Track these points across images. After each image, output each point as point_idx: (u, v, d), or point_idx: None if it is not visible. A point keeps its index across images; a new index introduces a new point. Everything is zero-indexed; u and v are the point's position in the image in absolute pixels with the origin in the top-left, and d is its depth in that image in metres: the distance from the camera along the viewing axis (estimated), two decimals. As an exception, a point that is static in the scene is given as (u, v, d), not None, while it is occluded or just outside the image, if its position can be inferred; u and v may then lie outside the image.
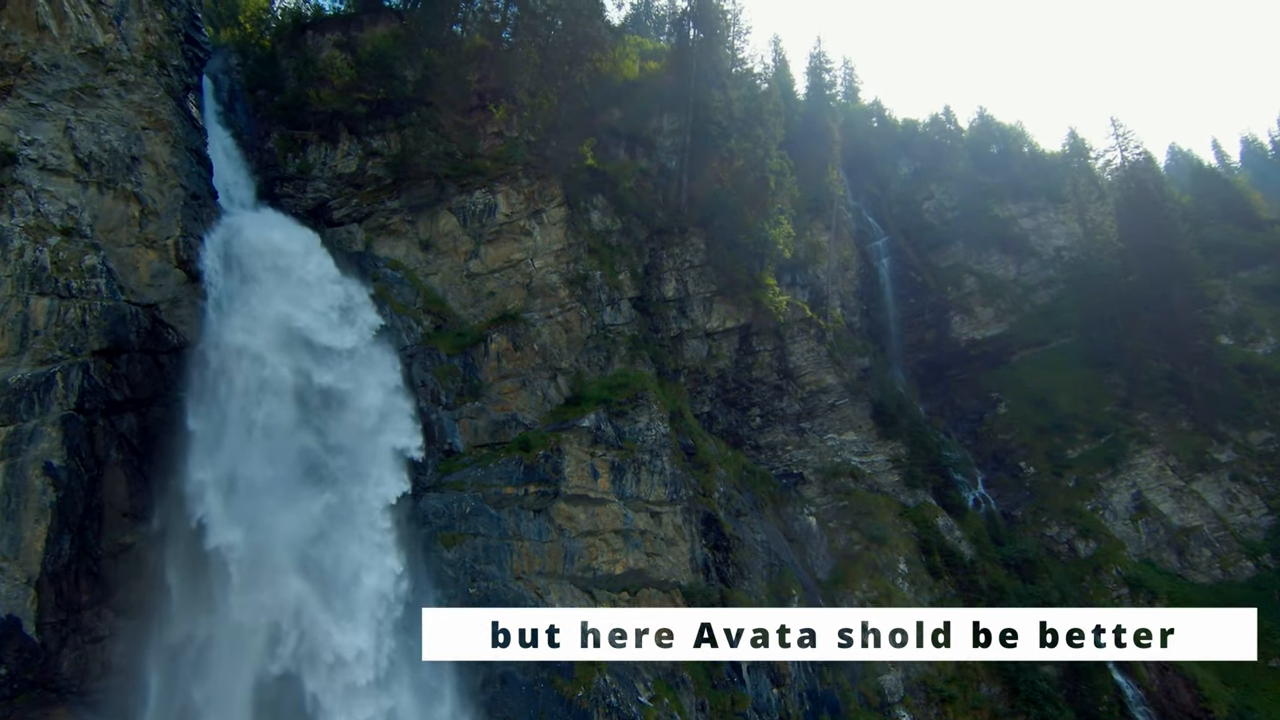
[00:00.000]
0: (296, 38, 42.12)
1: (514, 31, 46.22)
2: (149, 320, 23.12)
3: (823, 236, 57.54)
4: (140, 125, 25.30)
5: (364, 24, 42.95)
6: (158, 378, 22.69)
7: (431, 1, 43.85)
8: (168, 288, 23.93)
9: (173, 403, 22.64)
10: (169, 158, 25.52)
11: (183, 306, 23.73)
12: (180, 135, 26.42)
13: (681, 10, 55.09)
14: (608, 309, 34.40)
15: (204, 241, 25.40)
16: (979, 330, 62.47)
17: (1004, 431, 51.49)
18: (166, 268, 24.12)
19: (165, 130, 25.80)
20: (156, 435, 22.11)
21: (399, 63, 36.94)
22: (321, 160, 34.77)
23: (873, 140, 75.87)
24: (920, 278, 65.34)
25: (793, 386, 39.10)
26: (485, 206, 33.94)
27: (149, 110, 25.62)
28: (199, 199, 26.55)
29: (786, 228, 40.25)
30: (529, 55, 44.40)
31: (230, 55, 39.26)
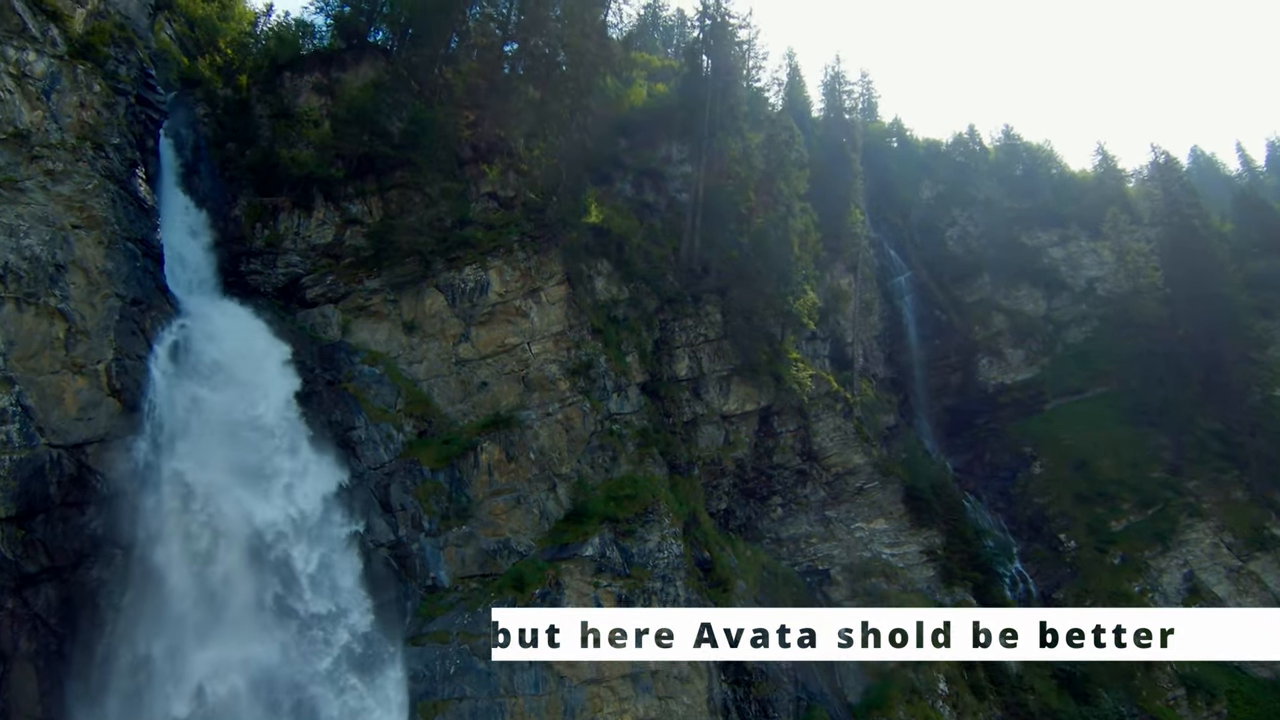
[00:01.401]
0: (273, 79, 38.34)
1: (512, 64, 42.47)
2: (74, 466, 19.60)
3: (844, 279, 53.73)
4: (69, 224, 21.66)
5: (346, 63, 39.16)
6: (83, 538, 19.19)
7: (420, 39, 40.08)
8: (99, 422, 20.37)
9: (102, 568, 19.14)
10: (102, 261, 21.88)
11: (115, 447, 20.17)
12: (118, 230, 22.76)
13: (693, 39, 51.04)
14: (613, 397, 30.76)
15: (145, 361, 21.82)
16: (1008, 374, 58.66)
17: (1040, 495, 47.76)
18: (98, 397, 20.55)
19: (99, 228, 22.14)
20: (80, 612, 18.63)
21: (382, 116, 33.12)
22: (294, 229, 31.11)
23: (893, 163, 71.78)
24: (945, 316, 61.47)
25: (817, 470, 35.47)
26: (477, 284, 30.26)
27: (80, 204, 21.97)
28: (141, 304, 22.93)
29: (811, 297, 36.49)
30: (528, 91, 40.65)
31: (196, 104, 35.51)
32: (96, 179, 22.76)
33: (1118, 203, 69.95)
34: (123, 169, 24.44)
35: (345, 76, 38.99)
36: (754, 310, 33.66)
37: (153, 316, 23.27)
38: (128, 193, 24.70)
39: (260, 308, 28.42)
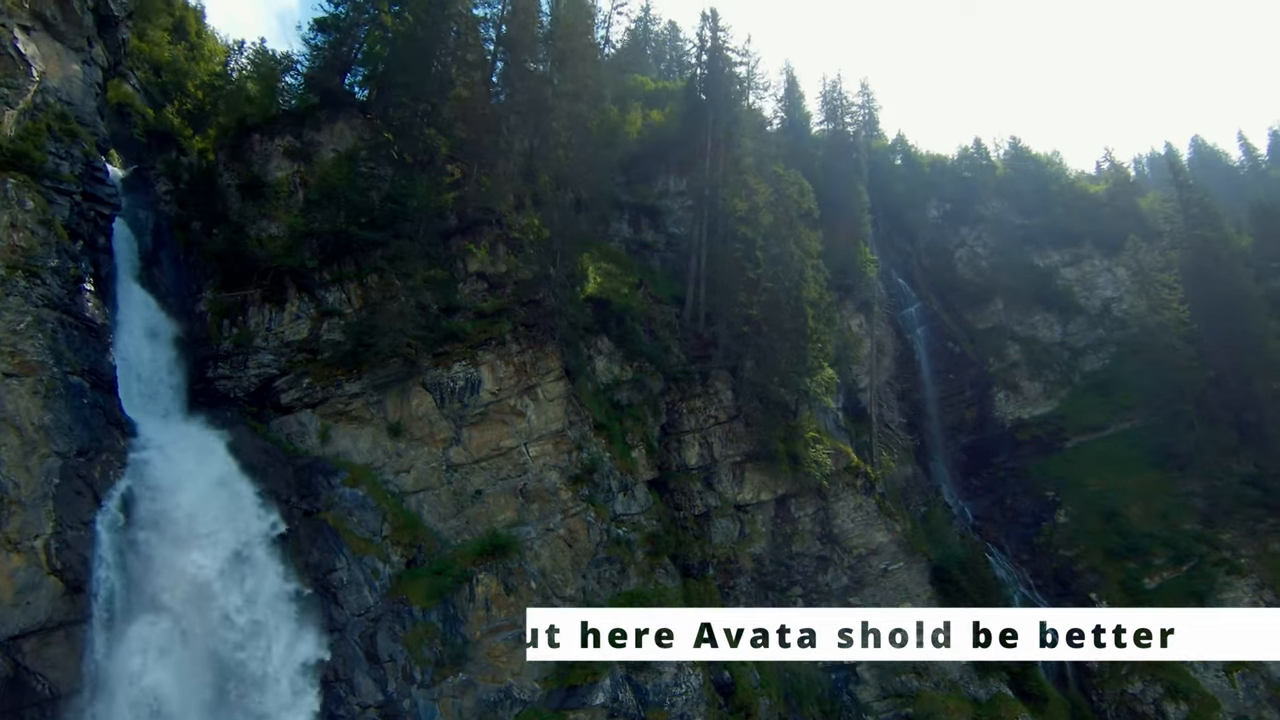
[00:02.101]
0: (241, 143, 35.63)
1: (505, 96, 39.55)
2: (9, 667, 17.09)
3: (855, 320, 51.25)
4: (0, 373, 19.07)
5: (320, 122, 36.37)
6: (21, 755, 16.73)
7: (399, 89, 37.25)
8: (38, 607, 17.86)
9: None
10: (39, 414, 19.28)
11: (57, 641, 17.66)
12: (58, 372, 20.15)
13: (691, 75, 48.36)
14: (619, 497, 28.34)
15: (92, 525, 19.26)
16: (1025, 408, 56.34)
17: (1066, 547, 45.54)
18: (36, 578, 18.03)
19: (34, 374, 19.54)
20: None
21: (358, 192, 30.38)
22: (265, 325, 28.49)
23: (898, 184, 69.09)
24: (959, 348, 59.06)
25: (838, 554, 33.14)
26: (467, 383, 27.71)
27: (10, 348, 19.35)
28: (88, 452, 20.36)
29: (829, 373, 34.01)
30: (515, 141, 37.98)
31: (157, 181, 32.75)
32: (31, 313, 20.15)
33: (1131, 218, 67.51)
34: (64, 292, 21.82)
35: (319, 138, 36.22)
36: (767, 392, 31.16)
37: (103, 463, 20.70)
38: (72, 316, 22.11)
39: (229, 421, 25.87)
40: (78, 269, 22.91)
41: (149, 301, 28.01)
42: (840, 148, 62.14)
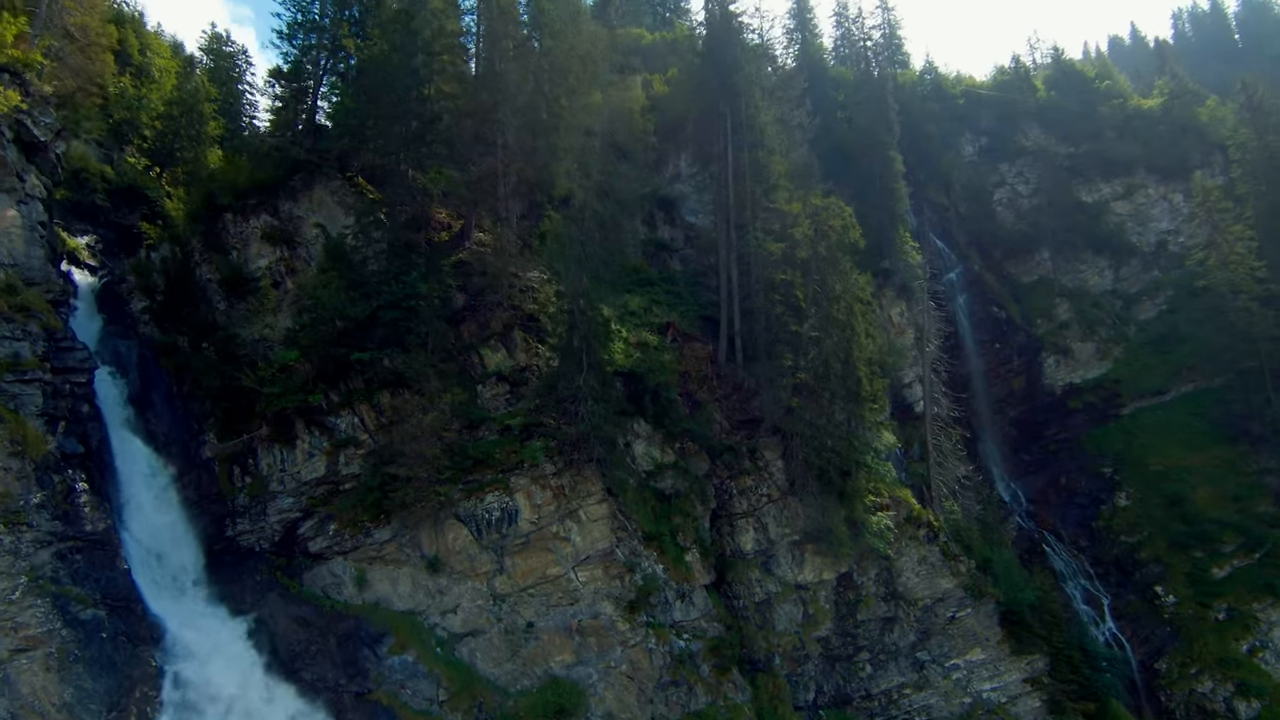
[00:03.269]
0: (213, 225, 32.20)
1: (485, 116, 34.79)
2: None
3: (895, 308, 47.71)
4: (4, 653, 17.27)
5: (296, 191, 32.73)
6: None
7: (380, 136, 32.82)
8: None
9: None
10: (57, 691, 17.73)
11: None
12: (69, 635, 18.37)
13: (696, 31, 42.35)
14: (676, 604, 26.84)
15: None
16: (1077, 372, 53.27)
17: (1128, 533, 44.03)
18: None
19: (43, 644, 17.76)
20: None
21: (352, 304, 27.13)
22: (279, 466, 26.38)
23: (929, 123, 62.61)
24: (1004, 312, 55.32)
25: (904, 609, 31.86)
26: (503, 513, 25.67)
27: (11, 623, 17.48)
28: (119, 704, 18.89)
29: (888, 438, 31.26)
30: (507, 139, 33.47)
31: (131, 297, 29.64)
32: (24, 572, 18.13)
33: (1191, 134, 61.26)
34: (55, 519, 19.69)
35: (298, 210, 32.65)
36: (823, 470, 28.73)
37: (137, 701, 19.31)
38: (72, 538, 20.11)
39: (257, 589, 24.31)
40: (64, 479, 20.66)
41: (149, 456, 25.91)
42: (865, 92, 55.66)
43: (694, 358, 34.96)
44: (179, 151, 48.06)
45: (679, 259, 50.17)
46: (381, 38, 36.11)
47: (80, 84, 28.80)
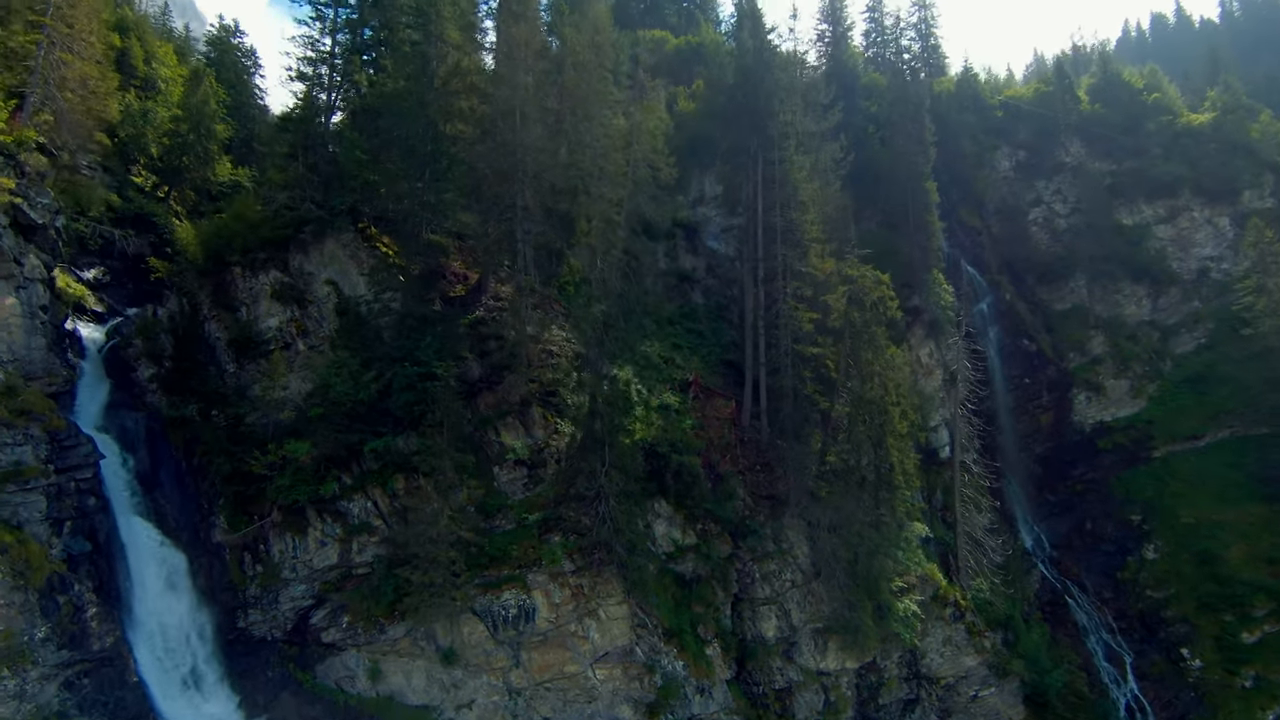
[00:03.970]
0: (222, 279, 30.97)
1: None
2: None
3: (924, 348, 45.99)
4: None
5: (307, 244, 31.46)
6: None
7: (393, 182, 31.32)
8: None
9: None
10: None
11: None
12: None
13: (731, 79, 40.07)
14: (696, 699, 26.17)
15: None
16: (1108, 410, 51.57)
17: (1155, 588, 42.96)
18: None
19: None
20: None
21: (363, 386, 26.01)
22: (290, 554, 25.68)
23: (964, 138, 59.83)
24: (1034, 344, 53.43)
25: (926, 690, 31.19)
26: (520, 610, 24.91)
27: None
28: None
29: (919, 527, 30.02)
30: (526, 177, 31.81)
31: (139, 364, 28.57)
32: (29, 712, 17.51)
33: (1241, 153, 58.24)
34: (63, 647, 19.06)
35: (309, 265, 31.35)
36: (850, 560, 27.68)
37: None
38: (81, 661, 19.57)
39: (269, 685, 23.81)
40: (70, 598, 19.99)
41: (158, 541, 25.17)
42: (899, 110, 52.83)
43: (717, 418, 33.78)
44: (188, 169, 46.79)
45: (700, 290, 48.57)
46: (395, 73, 34.32)
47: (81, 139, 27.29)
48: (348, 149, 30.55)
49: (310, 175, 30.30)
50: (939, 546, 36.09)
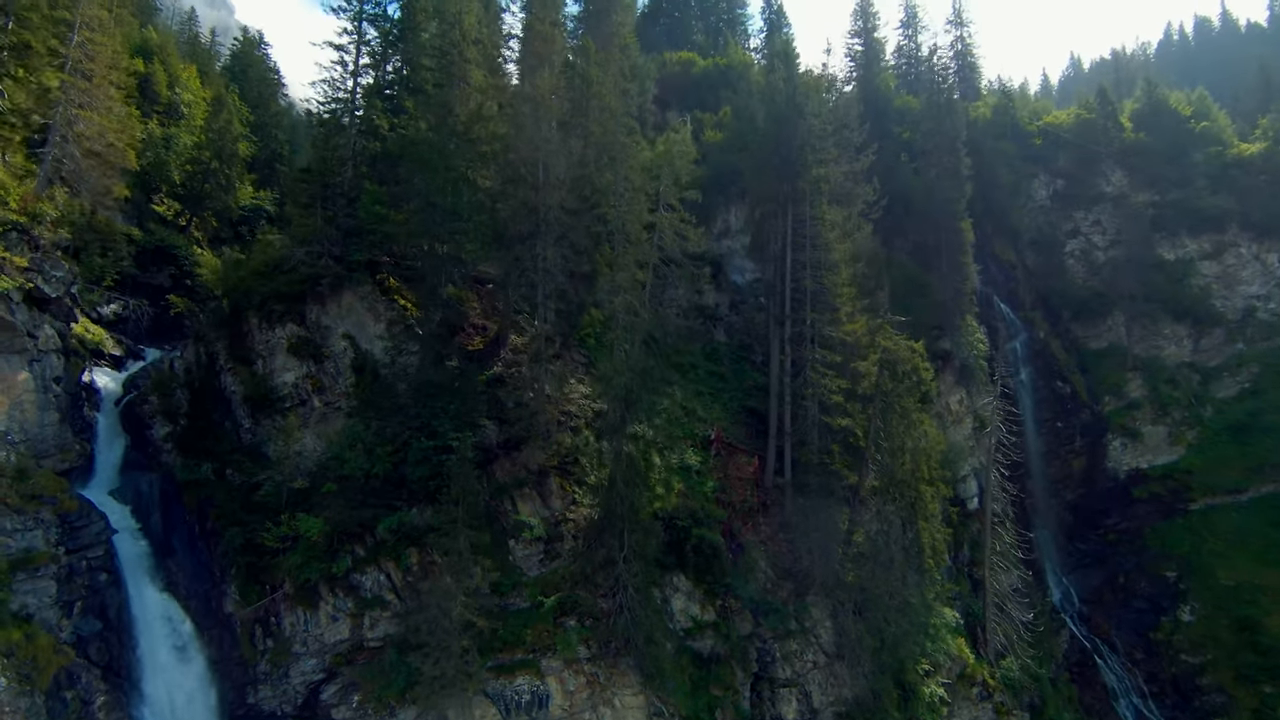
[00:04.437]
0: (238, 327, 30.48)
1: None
2: None
3: (954, 395, 44.50)
4: None
5: (324, 296, 30.78)
6: None
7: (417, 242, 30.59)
8: None
9: None
10: None
11: None
12: None
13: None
14: (712, 787, 25.37)
15: None
16: (1144, 457, 49.78)
17: (1190, 652, 41.39)
18: None
19: None
20: None
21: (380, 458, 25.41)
22: (301, 628, 25.19)
23: (1001, 166, 57.80)
24: (1068, 385, 51.64)
25: (949, 771, 30.07)
26: (533, 696, 24.21)
27: None
28: None
29: (949, 613, 28.87)
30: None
31: (153, 422, 28.21)
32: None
33: (1294, 188, 55.60)
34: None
35: (326, 319, 30.80)
36: (877, 649, 26.65)
37: None
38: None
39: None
40: (78, 693, 19.68)
41: (170, 608, 24.84)
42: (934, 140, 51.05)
43: (739, 478, 32.81)
44: (210, 196, 46.54)
45: (724, 327, 47.41)
46: (416, 115, 33.53)
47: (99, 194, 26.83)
48: (368, 202, 29.80)
49: (329, 229, 29.62)
50: (964, 609, 34.86)
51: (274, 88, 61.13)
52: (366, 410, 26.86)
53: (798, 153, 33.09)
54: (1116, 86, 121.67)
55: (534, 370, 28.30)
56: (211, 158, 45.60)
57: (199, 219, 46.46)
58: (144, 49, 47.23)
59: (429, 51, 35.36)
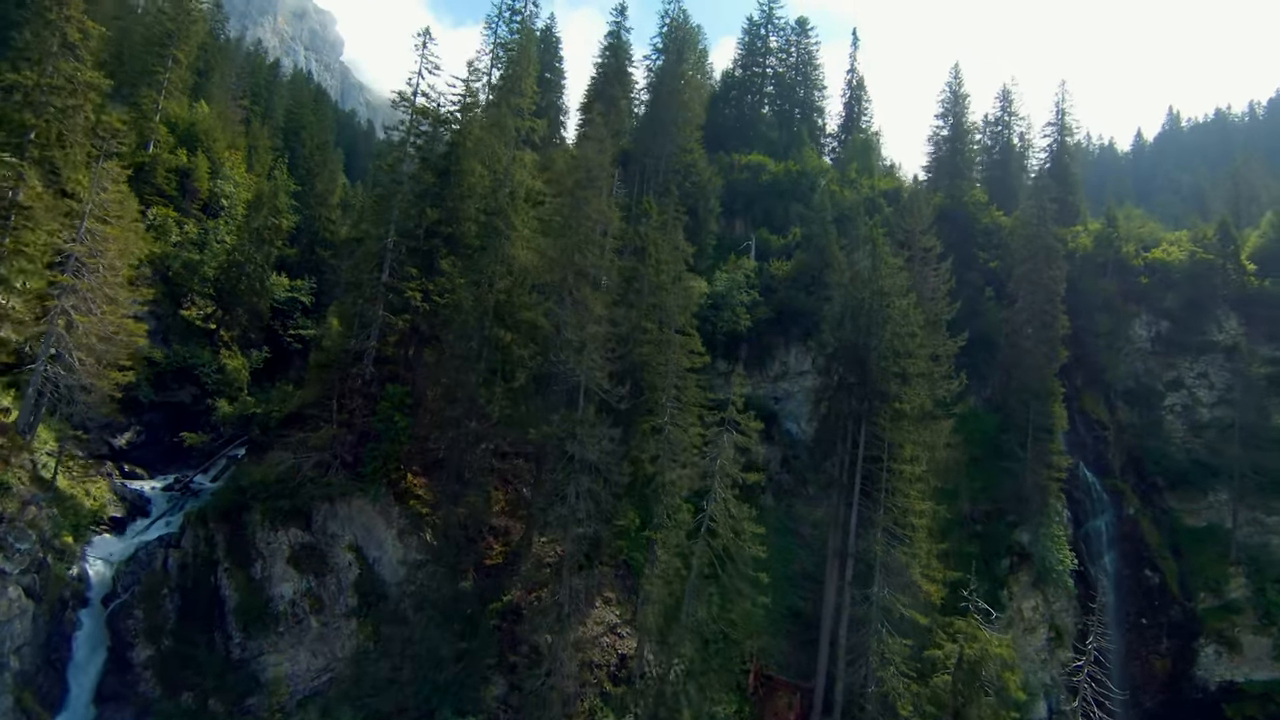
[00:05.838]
0: (238, 522, 27.82)
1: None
2: None
3: (1028, 601, 39.39)
4: None
5: (333, 496, 27.76)
6: None
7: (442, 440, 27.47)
8: None
9: None
10: None
11: None
12: None
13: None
14: None
15: None
16: (1241, 669, 43.56)
17: None
18: None
19: None
20: None
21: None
22: None
23: (1099, 309, 51.87)
24: (1157, 575, 45.71)
25: None
26: None
27: None
28: None
29: None
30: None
31: (139, 647, 25.63)
32: None
33: None
34: None
35: (333, 525, 27.94)
36: None
37: None
38: None
39: None
40: None
41: None
42: (1027, 286, 45.59)
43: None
44: (242, 297, 44.43)
45: (772, 490, 43.00)
46: (455, 279, 30.25)
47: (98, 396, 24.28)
48: (387, 408, 26.65)
49: (344, 433, 26.59)
50: None
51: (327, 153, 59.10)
52: (363, 661, 23.75)
53: (877, 366, 28.65)
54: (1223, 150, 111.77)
55: (560, 637, 24.67)
56: (246, 259, 43.48)
57: (229, 316, 44.42)
58: (189, 136, 45.33)
59: (473, 196, 32.09)
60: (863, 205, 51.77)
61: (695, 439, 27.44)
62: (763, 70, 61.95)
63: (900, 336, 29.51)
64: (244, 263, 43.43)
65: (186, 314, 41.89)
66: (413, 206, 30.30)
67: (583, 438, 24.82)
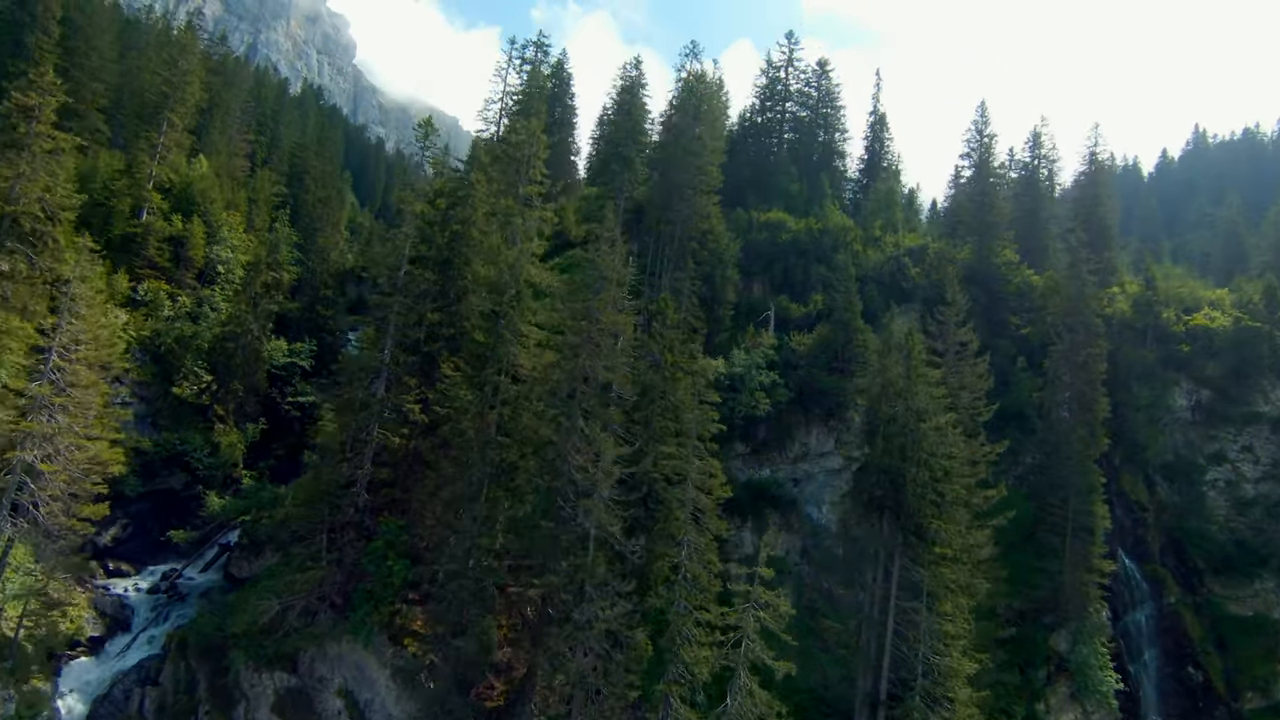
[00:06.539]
0: (219, 662, 25.78)
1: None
2: None
3: (1064, 715, 36.73)
4: None
5: (322, 636, 25.66)
6: None
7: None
8: None
9: None
10: None
11: None
12: None
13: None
14: None
15: None
16: (1291, 776, 40.85)
17: None
18: None
19: None
20: None
21: None
22: None
23: (1138, 379, 49.03)
24: (1200, 673, 42.92)
25: None
26: None
27: None
28: None
29: None
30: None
31: None
32: None
33: None
34: None
35: (320, 667, 25.94)
36: None
37: None
38: None
39: None
40: None
41: None
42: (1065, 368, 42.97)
43: None
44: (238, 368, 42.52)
45: (792, 580, 40.57)
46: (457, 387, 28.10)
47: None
48: (380, 547, 24.55)
49: (334, 572, 24.53)
50: None
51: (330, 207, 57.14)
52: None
53: (913, 494, 26.24)
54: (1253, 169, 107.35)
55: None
56: (243, 329, 41.56)
57: (224, 390, 42.50)
58: (184, 198, 43.45)
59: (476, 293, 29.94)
60: (887, 267, 49.37)
61: (715, 585, 25.06)
62: (781, 115, 59.43)
63: (938, 458, 27.08)
64: (240, 333, 41.50)
65: (178, 390, 40.00)
66: (411, 311, 28.17)
67: (591, 594, 22.63)
